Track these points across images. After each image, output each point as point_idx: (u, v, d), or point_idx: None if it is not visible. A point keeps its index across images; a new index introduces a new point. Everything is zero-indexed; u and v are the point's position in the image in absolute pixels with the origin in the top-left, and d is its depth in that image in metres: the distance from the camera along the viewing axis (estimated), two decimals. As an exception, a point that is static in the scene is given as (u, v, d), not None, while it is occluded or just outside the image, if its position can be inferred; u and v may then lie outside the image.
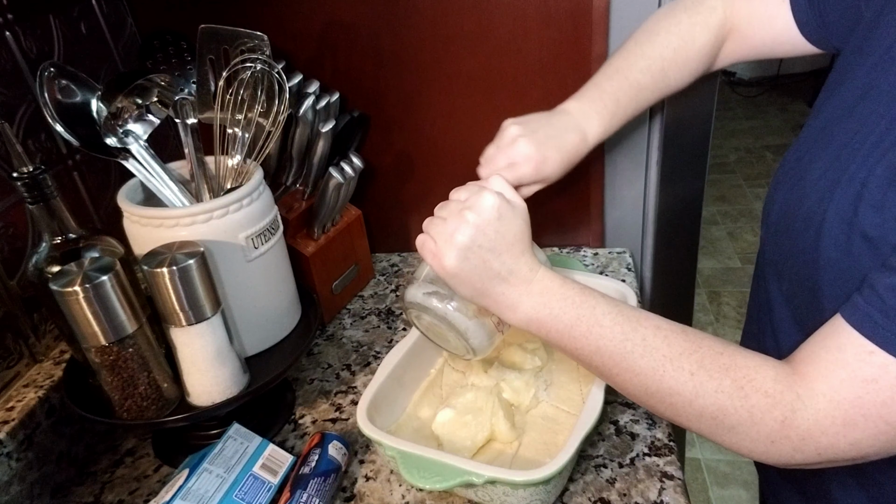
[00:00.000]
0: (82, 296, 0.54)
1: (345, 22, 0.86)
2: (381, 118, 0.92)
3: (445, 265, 0.52)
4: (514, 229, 0.53)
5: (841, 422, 0.43)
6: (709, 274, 2.58)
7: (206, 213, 0.62)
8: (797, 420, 0.44)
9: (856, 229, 0.46)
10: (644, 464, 0.63)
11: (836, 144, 0.50)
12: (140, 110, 0.67)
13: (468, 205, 0.53)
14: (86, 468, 0.70)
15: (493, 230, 0.52)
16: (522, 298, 0.53)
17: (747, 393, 0.45)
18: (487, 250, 0.52)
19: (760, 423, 0.45)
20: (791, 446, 0.45)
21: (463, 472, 0.54)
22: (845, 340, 0.43)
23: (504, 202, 0.53)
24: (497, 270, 0.52)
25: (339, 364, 0.82)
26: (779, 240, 0.56)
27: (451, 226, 0.52)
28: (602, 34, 0.80)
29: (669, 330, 0.50)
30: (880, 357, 0.41)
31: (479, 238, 0.51)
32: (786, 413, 0.44)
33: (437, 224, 0.54)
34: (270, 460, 0.62)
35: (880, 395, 0.41)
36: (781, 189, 0.56)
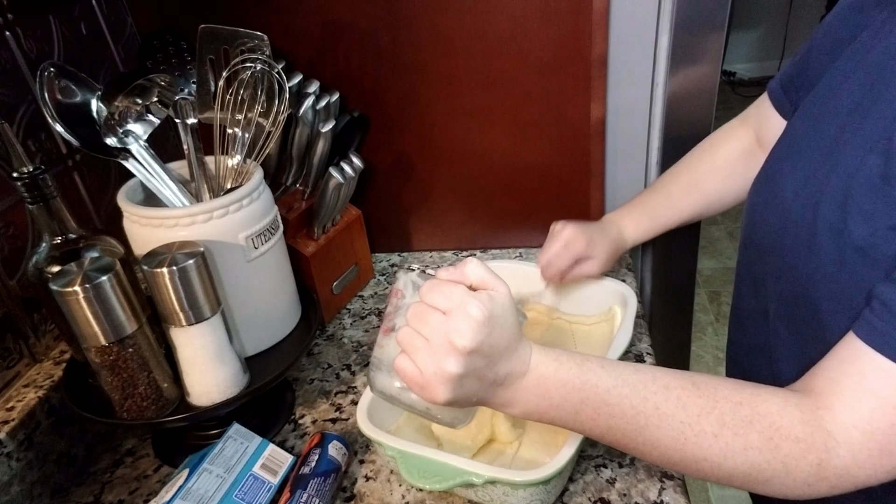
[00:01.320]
0: (82, 296, 0.54)
1: (345, 22, 0.86)
2: (380, 118, 0.92)
3: (438, 399, 0.45)
4: (507, 331, 0.46)
5: (878, 453, 0.42)
6: (709, 274, 2.58)
7: (206, 213, 0.62)
8: (833, 460, 0.42)
9: (847, 241, 0.46)
10: (644, 464, 0.63)
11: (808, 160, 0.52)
12: (140, 110, 0.67)
13: (454, 326, 0.44)
14: (86, 468, 0.70)
15: (488, 346, 0.44)
16: (518, 395, 0.47)
17: (777, 444, 0.43)
18: (483, 368, 0.45)
19: (796, 471, 0.43)
20: (829, 485, 0.43)
21: (463, 473, 0.54)
22: (867, 365, 0.42)
23: (490, 302, 0.45)
24: (493, 380, 0.46)
25: (339, 364, 0.82)
26: (766, 258, 0.57)
27: (440, 354, 0.44)
28: (602, 34, 0.80)
29: (681, 389, 0.46)
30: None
31: (472, 363, 0.44)
32: (821, 456, 0.42)
33: (421, 349, 0.45)
34: (270, 460, 0.62)
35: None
36: (758, 209, 0.58)
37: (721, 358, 2.12)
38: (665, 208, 0.79)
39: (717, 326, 2.29)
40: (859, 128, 0.48)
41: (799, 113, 0.58)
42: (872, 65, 0.50)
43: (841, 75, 0.53)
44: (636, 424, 0.46)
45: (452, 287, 0.45)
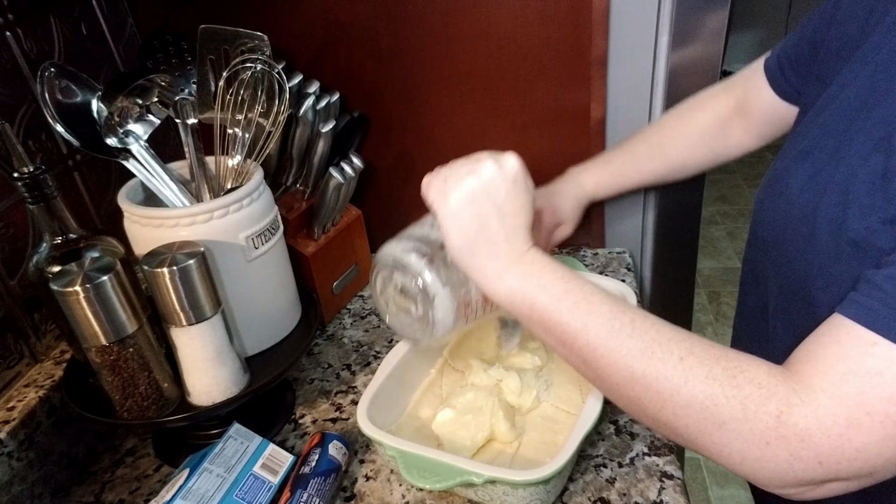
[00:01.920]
0: (83, 296, 0.54)
1: (345, 22, 0.86)
2: (381, 118, 0.92)
3: (449, 200, 0.51)
4: (523, 200, 0.52)
5: (844, 421, 0.39)
6: (708, 274, 2.58)
7: (206, 213, 0.62)
8: (794, 416, 0.40)
9: (843, 235, 0.46)
10: (644, 463, 0.63)
11: (816, 157, 0.52)
12: (140, 110, 0.67)
13: (491, 156, 0.52)
14: (86, 468, 0.70)
15: (505, 190, 0.51)
16: (511, 268, 0.51)
17: (739, 382, 0.42)
18: (493, 206, 0.51)
19: (754, 417, 0.41)
20: (788, 450, 0.40)
21: (463, 472, 0.54)
22: (844, 334, 0.41)
23: (524, 172, 0.53)
24: (495, 231, 0.51)
25: (339, 364, 0.82)
26: (769, 253, 0.57)
27: (466, 168, 0.52)
28: (602, 34, 0.81)
29: (657, 319, 0.48)
30: (884, 348, 0.39)
31: (490, 189, 0.51)
32: (781, 406, 0.40)
33: (453, 166, 0.53)
34: (271, 460, 0.62)
35: (886, 390, 0.38)
36: (766, 204, 0.58)
37: (721, 358, 2.12)
38: (628, 168, 0.80)
39: (717, 326, 2.29)
40: (864, 126, 0.48)
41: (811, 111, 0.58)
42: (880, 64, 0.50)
43: (851, 74, 0.53)
44: (611, 327, 0.47)
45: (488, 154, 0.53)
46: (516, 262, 0.51)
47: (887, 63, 0.49)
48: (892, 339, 0.39)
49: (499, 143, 0.91)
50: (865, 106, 0.49)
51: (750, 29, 4.05)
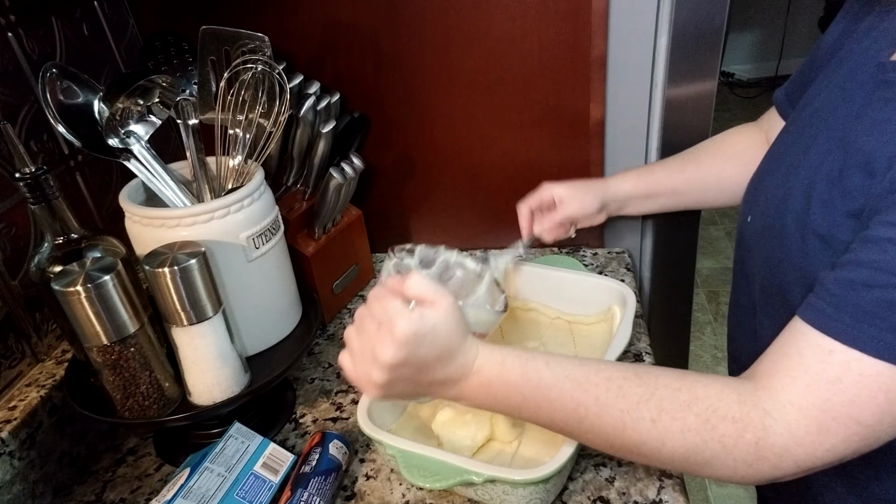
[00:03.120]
0: (84, 295, 0.54)
1: (345, 23, 0.86)
2: (381, 119, 0.92)
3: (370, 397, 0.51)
4: (437, 347, 0.48)
5: (815, 429, 0.42)
6: (707, 274, 2.58)
7: (207, 213, 0.62)
8: (771, 438, 0.43)
9: (809, 230, 0.48)
10: (643, 463, 0.63)
11: (786, 160, 0.55)
12: (142, 111, 0.67)
13: (379, 340, 0.47)
14: (88, 467, 0.71)
15: (414, 358, 0.47)
16: (464, 392, 0.51)
17: (714, 425, 0.44)
18: (413, 374, 0.48)
19: (734, 449, 0.44)
20: (770, 465, 0.44)
21: (463, 471, 0.54)
22: (804, 343, 0.44)
23: (421, 323, 0.47)
24: (429, 382, 0.50)
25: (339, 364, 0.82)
26: (751, 251, 0.60)
27: (367, 362, 0.48)
28: (601, 35, 0.81)
29: (622, 379, 0.48)
30: (840, 355, 0.42)
31: (398, 373, 0.48)
32: (758, 434, 0.43)
33: (355, 352, 0.50)
34: (271, 459, 0.63)
35: (847, 395, 0.41)
36: (747, 208, 0.61)
37: (720, 357, 2.13)
38: (658, 170, 0.81)
39: (716, 326, 2.29)
40: (827, 125, 0.51)
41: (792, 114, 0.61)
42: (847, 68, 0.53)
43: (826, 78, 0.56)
44: (577, 416, 0.48)
45: (390, 300, 0.48)
46: (466, 388, 0.50)
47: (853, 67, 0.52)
48: (846, 344, 0.41)
49: (499, 143, 0.91)
50: (831, 107, 0.52)
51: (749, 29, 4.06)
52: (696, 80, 0.84)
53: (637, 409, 0.46)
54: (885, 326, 0.40)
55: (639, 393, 0.47)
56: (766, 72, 4.07)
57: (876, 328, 0.41)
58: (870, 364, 0.41)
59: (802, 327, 0.44)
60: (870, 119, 0.46)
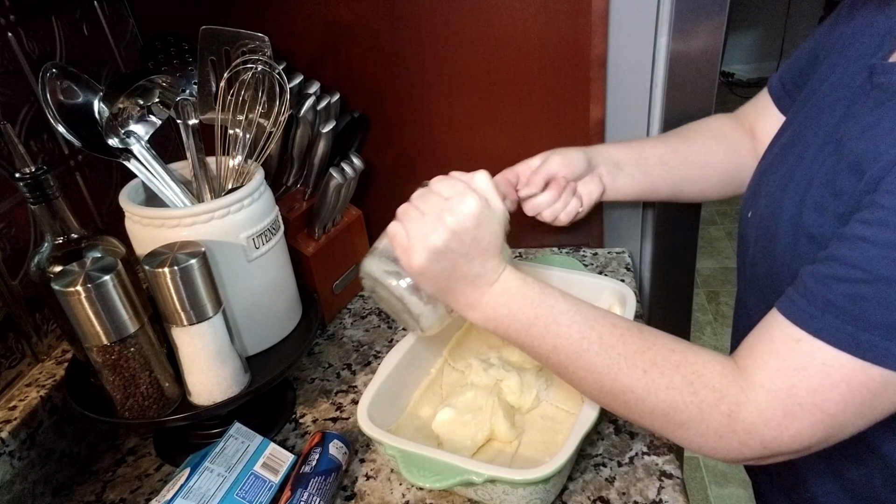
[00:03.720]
0: (84, 295, 0.54)
1: (345, 23, 0.86)
2: (381, 119, 0.92)
3: (414, 263, 0.52)
4: (490, 236, 0.53)
5: (781, 413, 0.44)
6: (707, 274, 2.58)
7: (207, 213, 0.62)
8: (742, 413, 0.45)
9: (801, 231, 0.49)
10: (643, 463, 0.63)
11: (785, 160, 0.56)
12: (142, 111, 0.67)
13: (449, 207, 0.51)
14: (88, 467, 0.71)
15: (470, 237, 0.51)
16: (483, 298, 0.54)
17: (696, 389, 0.47)
18: (460, 255, 0.52)
19: (709, 417, 0.46)
20: (738, 440, 0.46)
21: (463, 471, 0.54)
22: (777, 330, 0.46)
23: (485, 207, 0.52)
24: (464, 273, 0.52)
25: (339, 363, 0.82)
26: (749, 250, 0.60)
27: (428, 225, 0.51)
28: (601, 35, 0.81)
29: (626, 328, 0.51)
30: (806, 344, 0.43)
31: (454, 243, 0.51)
32: (731, 407, 0.45)
33: (414, 218, 0.53)
34: (271, 459, 0.63)
35: (811, 382, 0.43)
36: (747, 204, 0.62)
37: (720, 358, 2.13)
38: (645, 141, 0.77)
39: (716, 326, 2.29)
40: (821, 127, 0.52)
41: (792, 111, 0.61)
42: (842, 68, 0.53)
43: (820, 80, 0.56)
44: (578, 348, 0.51)
45: (459, 181, 0.53)
46: (487, 293, 0.54)
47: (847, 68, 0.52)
48: (812, 334, 0.43)
49: (498, 143, 0.91)
50: (825, 108, 0.53)
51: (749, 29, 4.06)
52: (695, 80, 0.84)
53: (633, 356, 0.49)
54: (849, 319, 0.42)
55: (638, 343, 0.50)
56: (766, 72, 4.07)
57: (840, 320, 0.42)
58: (833, 355, 0.42)
59: (777, 316, 0.46)
60: (861, 122, 0.47)
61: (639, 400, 0.49)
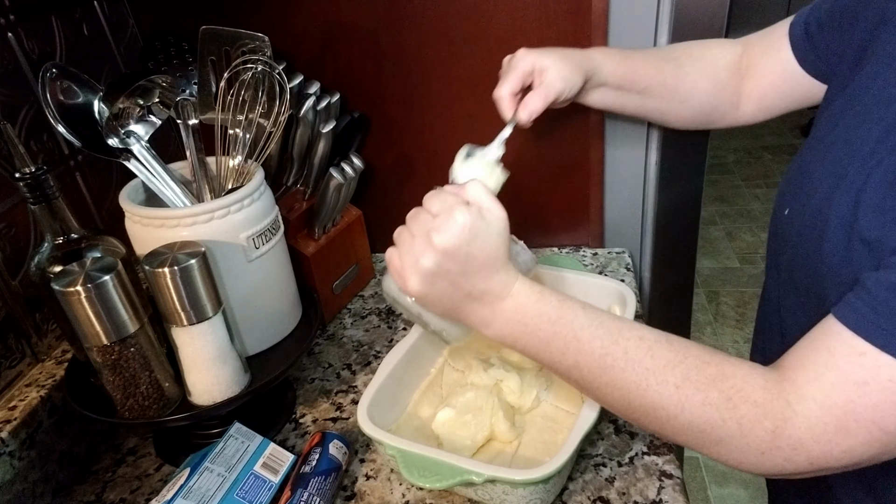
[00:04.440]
0: (84, 295, 0.54)
1: (345, 23, 0.86)
2: (381, 119, 0.92)
3: (409, 289, 0.50)
4: (488, 249, 0.49)
5: (834, 428, 0.41)
6: (707, 274, 2.58)
7: (207, 213, 0.62)
8: (788, 429, 0.42)
9: (855, 234, 0.45)
10: (643, 463, 0.63)
11: (835, 153, 0.51)
12: (142, 111, 0.67)
13: (437, 225, 0.48)
14: (88, 467, 0.71)
15: (464, 253, 0.48)
16: (496, 316, 0.50)
17: (736, 404, 0.44)
18: (457, 274, 0.48)
19: (750, 434, 0.43)
20: (782, 456, 0.43)
21: (463, 471, 0.54)
22: (836, 341, 0.42)
23: (478, 218, 0.48)
24: (468, 291, 0.49)
25: (339, 363, 0.82)
26: (787, 250, 0.56)
27: (418, 248, 0.48)
28: (601, 34, 0.81)
29: (654, 341, 0.47)
30: (871, 358, 0.40)
31: (446, 263, 0.48)
32: (776, 423, 0.42)
33: (405, 241, 0.50)
34: (271, 459, 0.63)
35: (871, 399, 0.40)
36: (785, 199, 0.57)
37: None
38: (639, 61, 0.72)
39: (716, 326, 2.29)
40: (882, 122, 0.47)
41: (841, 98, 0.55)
42: None
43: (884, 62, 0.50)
44: (603, 364, 0.47)
45: (449, 195, 0.50)
46: (500, 311, 0.50)
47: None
48: (879, 347, 0.40)
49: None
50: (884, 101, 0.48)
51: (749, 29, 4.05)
52: (696, 80, 0.84)
53: (663, 371, 0.46)
54: None
55: (668, 357, 0.46)
56: (766, 72, 4.07)
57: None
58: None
59: (836, 326, 0.42)
60: None
61: (671, 417, 0.45)
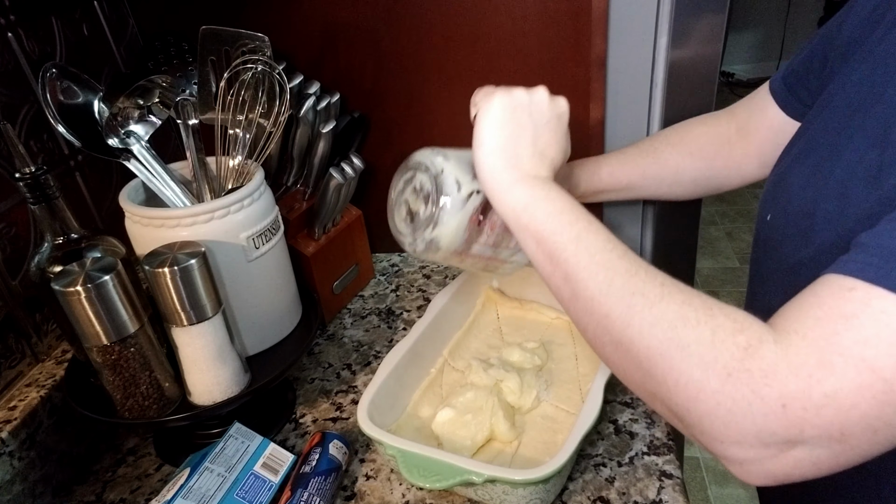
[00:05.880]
0: (84, 296, 0.54)
1: (345, 23, 0.86)
2: (381, 119, 0.92)
3: (493, 101, 0.54)
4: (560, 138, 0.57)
5: (815, 361, 0.36)
6: (707, 274, 2.58)
7: (207, 213, 0.63)
8: (763, 350, 0.37)
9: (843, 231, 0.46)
10: (643, 463, 0.63)
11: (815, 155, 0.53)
12: (142, 111, 0.67)
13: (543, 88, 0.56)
14: (88, 467, 0.71)
15: (548, 119, 0.55)
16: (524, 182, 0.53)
17: (714, 313, 0.40)
18: (532, 124, 0.54)
19: (721, 345, 0.38)
20: (750, 384, 0.37)
21: (463, 472, 0.54)
22: (822, 285, 0.39)
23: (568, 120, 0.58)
24: (523, 146, 0.54)
25: (339, 363, 0.82)
26: (772, 252, 0.58)
27: (518, 89, 0.55)
28: (601, 34, 0.81)
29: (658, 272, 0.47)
30: (861, 292, 0.36)
31: (534, 109, 0.55)
32: (751, 340, 0.38)
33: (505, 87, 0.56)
34: (271, 459, 0.63)
35: (860, 332, 0.35)
36: (766, 206, 0.58)
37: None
38: (613, 164, 0.77)
39: (717, 326, 2.29)
40: (862, 123, 0.48)
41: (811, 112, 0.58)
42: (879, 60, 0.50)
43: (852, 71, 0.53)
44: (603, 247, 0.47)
45: None
46: (531, 180, 0.53)
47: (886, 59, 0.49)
48: (869, 281, 0.36)
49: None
50: (864, 103, 0.49)
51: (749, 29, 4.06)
52: (695, 80, 0.84)
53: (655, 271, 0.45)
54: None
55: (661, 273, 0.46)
56: (765, 72, 4.07)
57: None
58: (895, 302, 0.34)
59: (825, 276, 0.39)
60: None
61: (648, 304, 0.42)
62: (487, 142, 0.54)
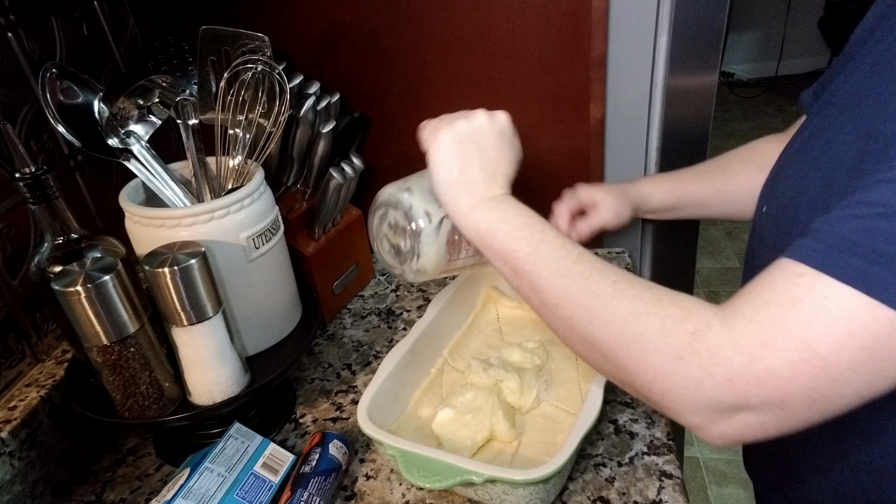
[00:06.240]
0: (84, 296, 0.54)
1: (345, 23, 0.86)
2: (381, 119, 0.92)
3: (439, 138, 0.57)
4: (507, 152, 0.59)
5: (759, 342, 0.39)
6: (707, 274, 2.58)
7: (207, 213, 0.63)
8: (710, 334, 0.41)
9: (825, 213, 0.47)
10: (643, 463, 0.63)
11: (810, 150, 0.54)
12: (142, 111, 0.67)
13: (481, 111, 0.59)
14: (87, 467, 0.71)
15: (492, 139, 0.58)
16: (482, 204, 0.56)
17: (664, 304, 0.44)
18: (477, 150, 0.57)
19: (671, 332, 0.42)
20: (699, 365, 0.41)
21: (463, 472, 0.54)
22: (774, 270, 0.42)
23: (511, 130, 0.60)
24: (475, 172, 0.57)
25: (339, 363, 0.82)
26: (763, 244, 0.59)
27: (460, 116, 0.58)
28: (601, 35, 0.81)
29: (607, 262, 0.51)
30: (808, 278, 0.39)
31: (477, 135, 0.57)
32: (699, 325, 0.42)
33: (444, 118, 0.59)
34: (271, 459, 0.63)
35: (804, 315, 0.38)
36: (763, 198, 0.60)
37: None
38: (688, 180, 0.81)
39: (717, 326, 2.29)
40: (853, 116, 0.50)
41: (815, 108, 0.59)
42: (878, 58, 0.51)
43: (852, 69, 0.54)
44: (558, 255, 0.51)
45: None
46: (487, 203, 0.56)
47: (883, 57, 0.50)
48: (816, 268, 0.39)
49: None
50: (857, 98, 0.51)
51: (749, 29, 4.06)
52: (695, 80, 0.84)
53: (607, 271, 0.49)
54: (860, 253, 0.38)
55: (615, 269, 0.49)
56: (765, 72, 4.07)
57: (850, 254, 0.38)
58: (836, 289, 0.38)
59: (779, 260, 0.42)
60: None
61: (601, 304, 0.47)
62: (443, 177, 0.57)
